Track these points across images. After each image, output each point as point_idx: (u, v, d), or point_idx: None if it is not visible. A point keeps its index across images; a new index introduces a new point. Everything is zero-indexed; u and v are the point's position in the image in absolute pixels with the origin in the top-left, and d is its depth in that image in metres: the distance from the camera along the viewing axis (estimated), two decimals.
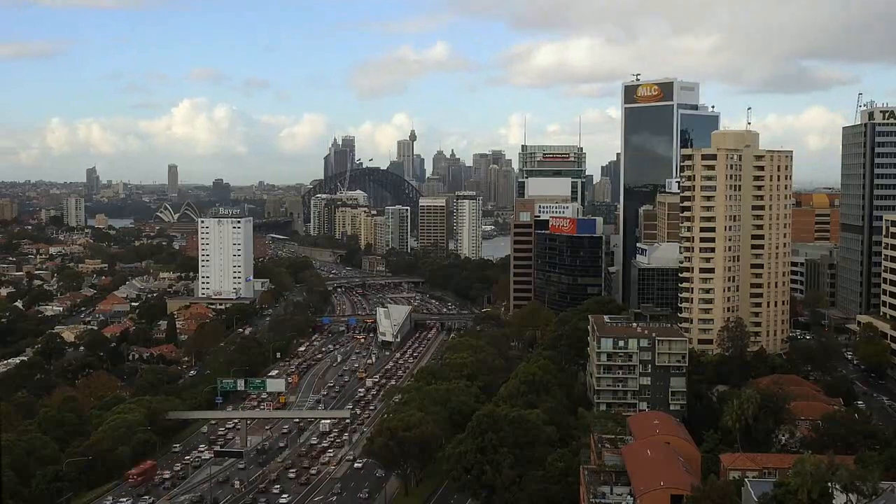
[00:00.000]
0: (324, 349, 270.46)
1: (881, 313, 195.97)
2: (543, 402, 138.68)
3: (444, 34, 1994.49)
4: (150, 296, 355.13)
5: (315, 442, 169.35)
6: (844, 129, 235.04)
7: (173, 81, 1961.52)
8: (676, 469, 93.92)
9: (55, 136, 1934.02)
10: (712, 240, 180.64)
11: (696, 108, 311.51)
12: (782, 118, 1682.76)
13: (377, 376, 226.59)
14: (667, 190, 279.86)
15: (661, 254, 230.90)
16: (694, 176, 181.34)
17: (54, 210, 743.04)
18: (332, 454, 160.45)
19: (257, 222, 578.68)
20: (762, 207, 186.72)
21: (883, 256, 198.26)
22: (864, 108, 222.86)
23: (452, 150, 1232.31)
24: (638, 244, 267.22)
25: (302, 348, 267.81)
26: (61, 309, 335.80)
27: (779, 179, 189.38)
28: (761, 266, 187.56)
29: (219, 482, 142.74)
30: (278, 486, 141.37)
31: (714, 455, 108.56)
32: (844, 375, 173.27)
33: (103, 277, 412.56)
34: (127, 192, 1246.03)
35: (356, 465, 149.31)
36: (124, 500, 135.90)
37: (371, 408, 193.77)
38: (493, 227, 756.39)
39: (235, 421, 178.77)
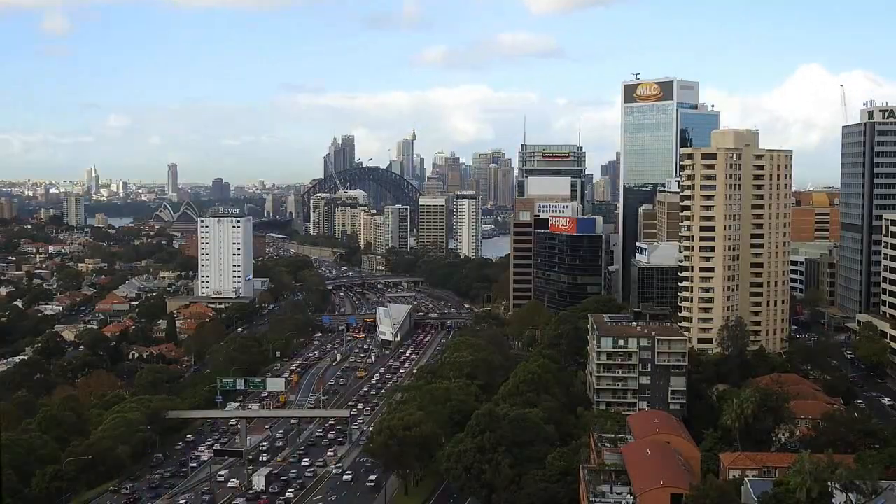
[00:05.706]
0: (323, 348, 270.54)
1: (881, 312, 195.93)
2: (543, 402, 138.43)
3: None
4: (149, 295, 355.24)
5: (315, 440, 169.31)
6: (844, 127, 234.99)
7: None
8: (676, 468, 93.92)
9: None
10: (712, 239, 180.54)
11: (695, 107, 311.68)
12: None
13: (377, 375, 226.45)
14: (666, 189, 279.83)
15: (660, 253, 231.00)
16: (694, 175, 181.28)
17: (54, 209, 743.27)
18: (332, 453, 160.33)
19: (257, 221, 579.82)
20: (762, 206, 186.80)
21: (883, 255, 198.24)
22: (865, 107, 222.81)
23: (453, 151, 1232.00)
24: (638, 243, 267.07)
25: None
26: (61, 308, 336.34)
27: (778, 178, 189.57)
28: (761, 265, 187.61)
29: (218, 481, 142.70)
30: (277, 486, 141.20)
31: (714, 454, 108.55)
32: (844, 374, 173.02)
33: (103, 276, 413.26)
34: (126, 191, 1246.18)
35: (345, 476, 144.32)
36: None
37: (371, 407, 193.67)
38: (492, 226, 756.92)
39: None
